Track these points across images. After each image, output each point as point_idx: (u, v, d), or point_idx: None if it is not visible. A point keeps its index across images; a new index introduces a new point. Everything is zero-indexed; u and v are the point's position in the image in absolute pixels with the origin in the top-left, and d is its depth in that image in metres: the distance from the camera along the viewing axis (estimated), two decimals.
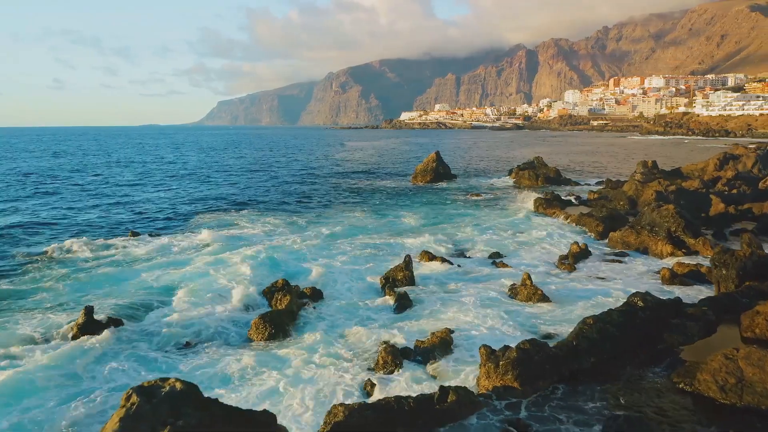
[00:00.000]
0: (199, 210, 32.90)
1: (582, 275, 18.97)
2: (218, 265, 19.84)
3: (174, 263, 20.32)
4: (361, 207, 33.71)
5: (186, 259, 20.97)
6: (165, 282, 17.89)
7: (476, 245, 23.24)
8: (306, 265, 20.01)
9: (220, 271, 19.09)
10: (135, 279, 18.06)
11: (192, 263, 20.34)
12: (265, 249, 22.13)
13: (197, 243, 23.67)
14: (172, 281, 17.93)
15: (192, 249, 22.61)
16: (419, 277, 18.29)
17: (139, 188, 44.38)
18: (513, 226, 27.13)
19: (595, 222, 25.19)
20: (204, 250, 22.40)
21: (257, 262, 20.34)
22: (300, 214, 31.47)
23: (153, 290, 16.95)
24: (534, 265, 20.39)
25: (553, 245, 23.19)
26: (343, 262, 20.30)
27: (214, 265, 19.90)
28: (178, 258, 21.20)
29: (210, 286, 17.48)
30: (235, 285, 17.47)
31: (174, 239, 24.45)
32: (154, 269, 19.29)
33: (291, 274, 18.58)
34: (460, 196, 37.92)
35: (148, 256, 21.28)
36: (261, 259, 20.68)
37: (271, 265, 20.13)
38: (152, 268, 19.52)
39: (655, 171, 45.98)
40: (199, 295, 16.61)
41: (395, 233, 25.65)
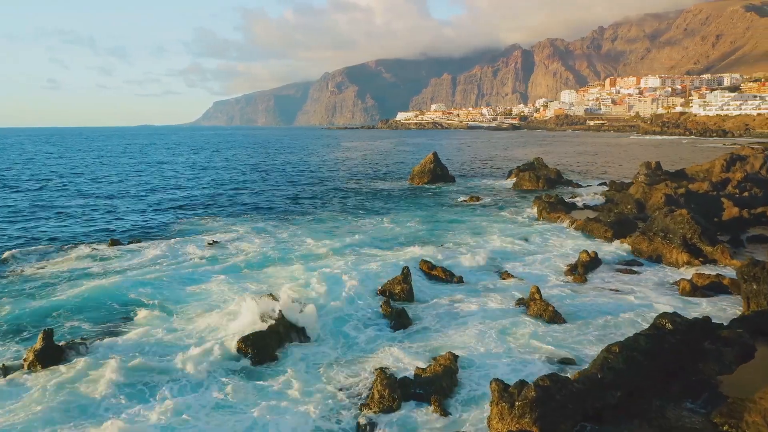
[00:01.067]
0: (183, 215, 31.33)
1: (594, 287, 17.59)
2: (200, 277, 18.36)
3: (153, 275, 18.81)
4: (356, 211, 32.25)
5: (167, 270, 19.45)
6: (141, 297, 16.37)
7: (479, 253, 21.81)
8: (296, 276, 18.54)
9: (202, 283, 17.61)
10: (108, 294, 16.50)
11: (173, 275, 18.85)
12: (250, 259, 20.67)
13: (181, 252, 22.17)
14: (149, 296, 16.43)
15: (175, 259, 21.10)
16: (418, 290, 16.88)
17: (125, 191, 42.72)
18: (516, 232, 25.74)
19: (603, 227, 23.84)
20: (188, 260, 20.89)
21: (241, 273, 18.88)
22: (292, 219, 29.98)
23: (126, 307, 15.41)
24: (541, 275, 19.00)
25: (560, 253, 21.80)
26: (335, 273, 18.82)
27: (196, 276, 18.42)
28: (158, 269, 19.67)
29: (191, 301, 16.01)
30: (218, 300, 16.03)
31: (157, 248, 22.92)
32: (130, 282, 17.74)
33: (276, 283, 17.12)
34: (460, 199, 36.50)
35: (125, 267, 19.74)
36: (246, 271, 19.21)
37: (257, 277, 18.66)
38: (128, 281, 17.96)
39: (659, 172, 44.77)
40: (181, 312, 15.14)
41: (392, 240, 24.21)
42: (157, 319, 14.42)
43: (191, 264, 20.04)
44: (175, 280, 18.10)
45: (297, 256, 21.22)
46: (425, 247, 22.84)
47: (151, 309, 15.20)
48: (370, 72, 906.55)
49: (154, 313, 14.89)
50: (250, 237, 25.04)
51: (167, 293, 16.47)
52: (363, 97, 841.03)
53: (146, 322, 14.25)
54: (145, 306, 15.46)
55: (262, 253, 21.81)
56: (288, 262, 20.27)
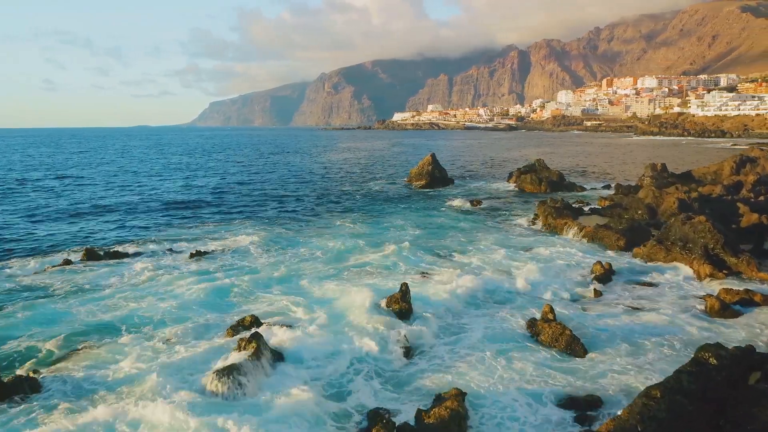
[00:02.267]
0: (168, 221, 29.59)
1: (611, 303, 16.01)
2: (176, 298, 16.68)
3: (124, 295, 17.13)
4: (351, 217, 30.59)
5: (141, 291, 17.75)
6: (109, 317, 14.70)
7: (482, 263, 20.23)
8: (281, 293, 16.89)
9: (177, 303, 15.93)
10: (70, 318, 14.77)
11: (147, 293, 17.17)
12: (233, 274, 19.00)
13: (160, 266, 20.48)
14: (119, 316, 14.75)
15: (153, 272, 19.40)
16: (418, 308, 15.25)
17: (111, 194, 40.90)
18: (521, 239, 24.17)
19: (615, 235, 22.28)
20: (167, 275, 19.19)
21: (222, 289, 17.20)
22: (284, 225, 28.31)
23: (88, 335, 13.70)
24: (551, 288, 17.40)
25: (569, 263, 20.22)
26: (327, 289, 17.19)
27: (172, 296, 16.73)
28: (131, 288, 17.98)
29: (162, 322, 14.34)
30: (193, 323, 14.36)
31: (135, 260, 21.24)
32: (94, 304, 16.02)
33: (262, 308, 15.47)
34: (459, 203, 34.89)
35: (94, 284, 18.01)
36: (227, 286, 17.53)
37: (239, 293, 17.00)
38: (94, 302, 16.25)
39: (665, 174, 43.29)
40: (148, 335, 13.46)
41: (389, 249, 22.56)
42: (117, 352, 12.68)
43: (169, 280, 18.34)
44: (150, 301, 16.41)
45: (285, 271, 19.55)
46: (425, 257, 21.25)
47: (114, 337, 13.51)
48: (367, 72, 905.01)
49: (118, 343, 13.18)
50: (236, 246, 23.36)
51: (138, 318, 14.77)
52: (360, 97, 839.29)
53: (106, 354, 12.55)
54: (112, 333, 13.77)
55: (247, 266, 20.14)
56: (273, 279, 18.59)
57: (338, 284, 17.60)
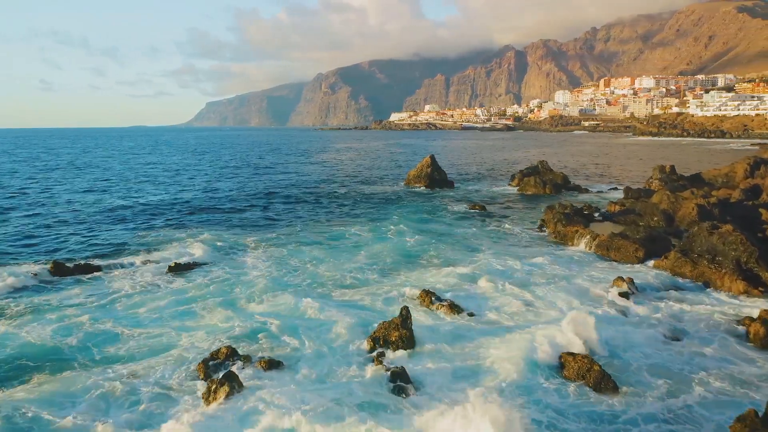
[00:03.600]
0: (150, 227, 27.59)
1: (638, 324, 14.16)
2: (149, 320, 14.77)
3: (94, 312, 15.21)
4: (346, 224, 28.67)
5: (112, 311, 15.82)
6: (64, 344, 12.78)
7: (490, 277, 18.37)
8: (266, 314, 15.00)
9: (145, 325, 14.03)
10: (19, 340, 12.83)
11: (117, 311, 15.27)
12: (212, 292, 17.09)
13: (134, 282, 18.56)
14: (75, 344, 12.84)
15: (125, 291, 17.47)
16: (420, 333, 13.38)
17: (92, 197, 38.79)
18: (530, 249, 22.32)
19: (633, 245, 20.45)
20: (141, 292, 17.26)
21: (199, 311, 15.29)
22: (274, 231, 26.37)
23: (37, 359, 11.76)
24: (568, 306, 15.54)
25: (585, 276, 18.38)
26: (316, 309, 15.29)
27: (138, 315, 14.82)
28: (101, 304, 16.05)
29: (126, 354, 12.44)
30: (162, 353, 12.46)
31: (107, 274, 19.30)
32: (58, 323, 14.09)
33: (241, 335, 13.57)
34: (461, 208, 33.05)
35: (61, 302, 16.07)
36: (206, 306, 15.62)
37: (219, 314, 15.09)
38: (57, 321, 14.32)
39: (674, 176, 41.59)
40: (104, 371, 11.55)
41: (387, 261, 20.68)
42: (63, 393, 10.74)
43: (141, 299, 16.41)
44: (116, 324, 14.49)
45: (272, 286, 17.65)
46: (425, 270, 19.38)
47: (63, 371, 11.58)
48: (364, 73, 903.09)
49: (64, 380, 11.25)
50: (220, 257, 21.44)
51: (97, 348, 12.84)
52: (356, 97, 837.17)
53: (45, 394, 10.62)
54: (60, 366, 11.85)
55: (231, 281, 18.23)
56: (259, 296, 16.68)
57: (332, 305, 15.71)
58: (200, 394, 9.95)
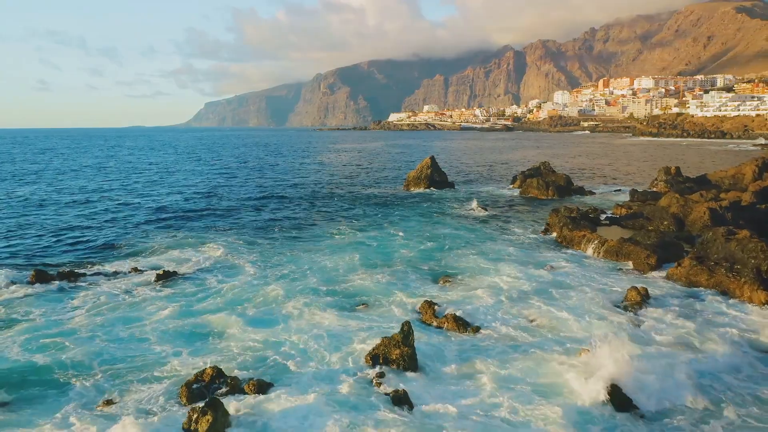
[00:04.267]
0: (139, 231, 26.61)
1: (655, 339, 13.23)
2: (128, 329, 13.81)
3: (74, 325, 14.24)
4: (344, 229, 27.71)
5: (90, 320, 14.85)
6: (40, 361, 11.82)
7: (496, 286, 17.44)
8: (258, 328, 14.05)
9: (127, 341, 13.07)
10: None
11: (98, 325, 14.31)
12: (202, 302, 16.11)
13: (120, 291, 17.60)
14: (49, 362, 11.87)
15: (110, 301, 16.51)
16: (423, 351, 12.45)
17: (78, 200, 37.80)
18: (536, 256, 21.37)
19: (644, 252, 19.52)
20: (127, 303, 16.31)
21: (187, 324, 14.33)
22: (268, 238, 25.43)
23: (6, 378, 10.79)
24: (580, 319, 14.63)
25: (596, 285, 17.44)
26: (311, 322, 14.35)
27: (120, 329, 13.85)
28: (82, 317, 15.09)
29: (105, 375, 11.47)
30: (142, 375, 11.50)
31: (92, 283, 18.34)
32: (32, 340, 13.12)
33: (230, 351, 12.61)
34: (463, 211, 32.10)
35: (38, 314, 15.09)
36: (194, 319, 14.66)
37: (208, 328, 14.13)
38: (33, 336, 13.34)
39: (680, 178, 40.72)
40: (80, 395, 10.58)
41: (386, 269, 19.73)
42: (27, 422, 9.80)
43: (124, 312, 15.45)
44: (95, 340, 13.52)
45: (265, 298, 16.69)
46: (427, 278, 18.44)
47: (32, 393, 10.61)
48: (363, 73, 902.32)
49: (32, 408, 10.29)
50: (211, 264, 20.47)
51: (74, 367, 11.87)
52: (355, 98, 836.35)
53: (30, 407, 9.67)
54: (31, 388, 10.87)
55: (222, 291, 17.27)
56: (252, 308, 15.71)
57: (328, 317, 14.76)
58: (182, 423, 8.98)
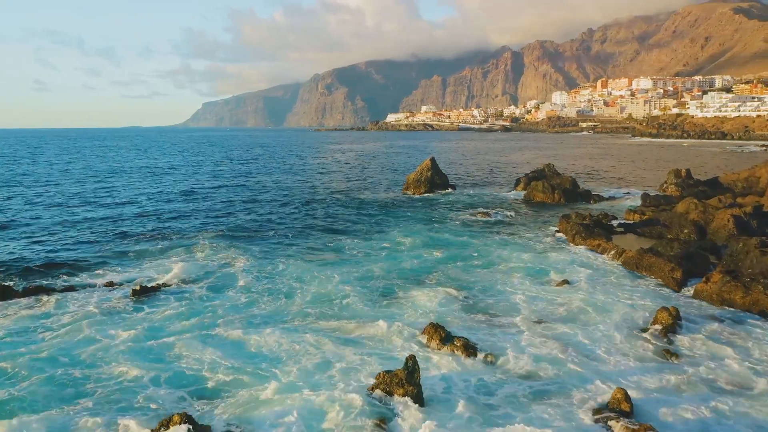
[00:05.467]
0: (120, 238, 24.83)
1: (702, 377, 11.53)
2: (94, 357, 12.07)
3: (32, 353, 12.51)
4: (340, 237, 25.99)
5: (51, 345, 13.10)
6: None
7: (509, 304, 15.78)
8: (240, 359, 12.34)
9: (90, 370, 11.33)
10: None
11: (60, 350, 12.58)
12: (181, 322, 14.36)
13: (90, 309, 15.86)
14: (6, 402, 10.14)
15: (76, 321, 14.77)
16: (430, 386, 10.77)
17: (57, 201, 35.95)
18: (547, 268, 19.67)
19: (668, 264, 17.87)
20: (89, 325, 14.56)
21: (162, 352, 12.60)
22: (259, 246, 23.69)
23: None
24: (607, 346, 12.97)
25: (619, 303, 15.78)
26: (302, 350, 12.65)
27: (84, 357, 12.11)
28: (44, 340, 13.34)
29: (48, 404, 9.74)
30: (102, 418, 9.77)
31: (65, 300, 16.58)
32: None
33: (207, 386, 10.88)
34: (466, 216, 30.43)
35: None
36: (169, 345, 12.92)
37: (185, 357, 12.40)
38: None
39: (690, 181, 39.19)
40: None
41: (385, 283, 18.03)
42: None
43: (89, 335, 13.71)
44: (54, 369, 11.78)
45: (248, 321, 14.97)
46: (432, 294, 16.74)
47: None
48: (360, 73, 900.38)
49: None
50: (194, 277, 18.74)
51: (15, 407, 10.13)
52: (353, 98, 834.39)
53: None
54: None
55: (203, 311, 15.53)
56: (233, 334, 13.96)
57: (321, 344, 13.06)
58: None
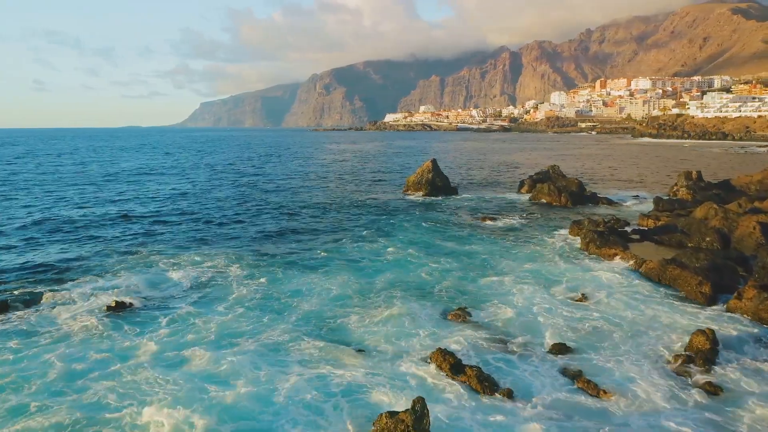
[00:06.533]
0: (98, 246, 23.21)
1: (747, 411, 10.03)
2: (49, 388, 10.46)
3: None
4: (338, 243, 24.40)
5: (18, 371, 11.49)
6: None
7: (522, 322, 14.23)
8: (219, 383, 10.76)
9: (45, 401, 9.73)
10: None
11: (13, 378, 10.96)
12: (155, 344, 12.74)
13: (57, 323, 14.26)
14: None
15: (38, 338, 13.16)
16: (439, 425, 9.21)
17: (33, 203, 34.24)
18: (562, 280, 18.12)
19: (695, 277, 16.34)
20: (53, 348, 12.95)
21: (135, 381, 10.99)
22: (254, 251, 22.10)
23: None
24: (638, 375, 11.44)
25: (647, 324, 14.24)
26: (292, 384, 11.05)
27: (40, 388, 10.50)
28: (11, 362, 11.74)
29: None
30: None
31: (26, 314, 14.96)
32: None
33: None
34: (470, 221, 28.87)
35: None
36: (149, 376, 11.31)
37: (155, 390, 10.80)
38: None
39: (701, 184, 37.69)
40: None
41: (386, 298, 16.46)
42: None
43: (54, 360, 12.10)
44: (11, 399, 10.18)
45: (235, 344, 13.38)
46: (438, 311, 15.18)
47: None
48: (359, 73, 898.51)
49: None
50: (179, 291, 17.14)
51: None
52: (351, 98, 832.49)
53: None
54: None
55: (182, 334, 13.93)
56: (216, 363, 12.35)
57: (314, 375, 11.48)
58: None
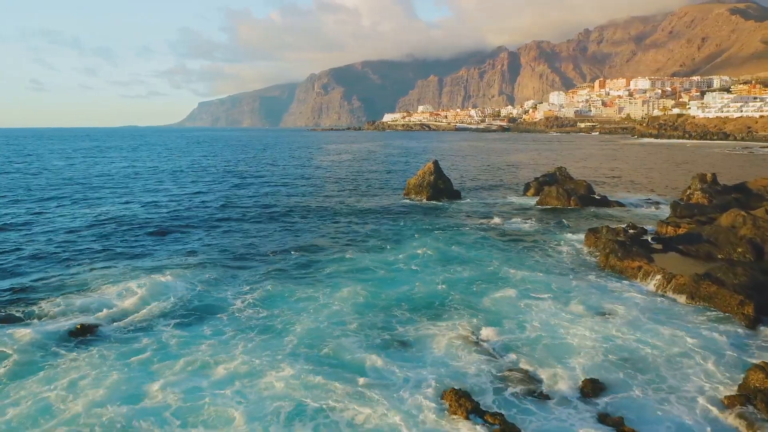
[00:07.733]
0: (65, 263, 21.32)
1: None
2: None
3: None
4: (336, 253, 22.55)
5: None
6: None
7: (547, 348, 12.44)
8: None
9: None
10: None
11: None
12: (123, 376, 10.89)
13: (15, 351, 12.41)
14: None
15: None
16: None
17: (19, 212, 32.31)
18: (584, 297, 16.33)
19: (736, 297, 14.57)
20: (32, 372, 11.10)
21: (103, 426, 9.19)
22: (246, 263, 20.28)
23: None
24: (686, 422, 9.67)
25: (688, 352, 12.47)
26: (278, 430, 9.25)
27: None
28: None
29: None
30: None
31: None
32: None
33: None
34: (476, 227, 27.05)
35: None
36: (114, 420, 9.50)
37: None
38: None
39: (717, 187, 35.95)
40: None
41: (390, 319, 14.65)
42: None
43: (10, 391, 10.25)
44: None
45: (217, 377, 11.55)
46: (449, 335, 13.37)
47: None
48: (357, 73, 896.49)
49: None
50: (157, 310, 15.29)
51: None
52: (349, 98, 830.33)
53: None
54: None
55: (157, 360, 12.10)
56: (190, 403, 10.51)
57: (308, 419, 9.66)
58: None
